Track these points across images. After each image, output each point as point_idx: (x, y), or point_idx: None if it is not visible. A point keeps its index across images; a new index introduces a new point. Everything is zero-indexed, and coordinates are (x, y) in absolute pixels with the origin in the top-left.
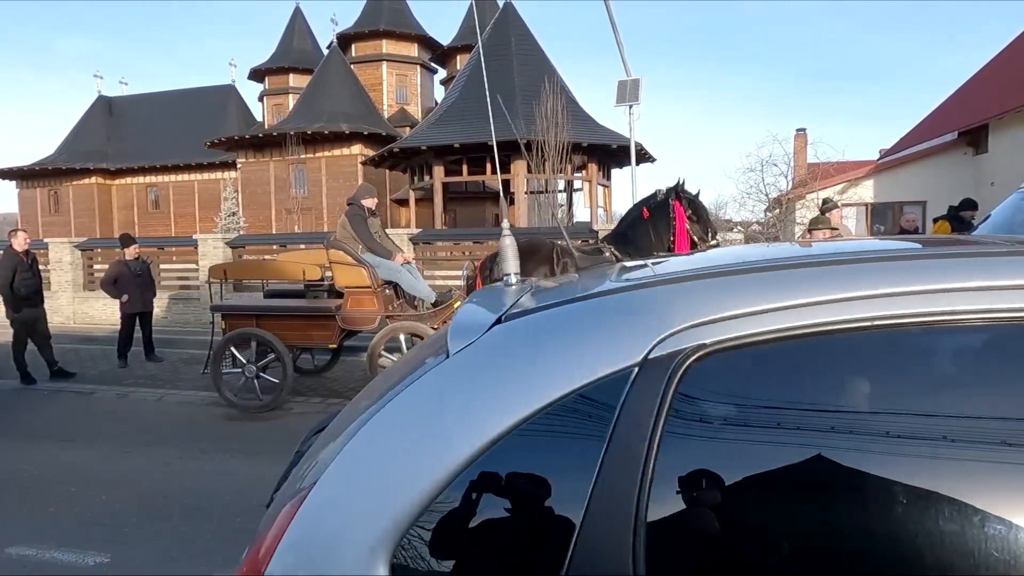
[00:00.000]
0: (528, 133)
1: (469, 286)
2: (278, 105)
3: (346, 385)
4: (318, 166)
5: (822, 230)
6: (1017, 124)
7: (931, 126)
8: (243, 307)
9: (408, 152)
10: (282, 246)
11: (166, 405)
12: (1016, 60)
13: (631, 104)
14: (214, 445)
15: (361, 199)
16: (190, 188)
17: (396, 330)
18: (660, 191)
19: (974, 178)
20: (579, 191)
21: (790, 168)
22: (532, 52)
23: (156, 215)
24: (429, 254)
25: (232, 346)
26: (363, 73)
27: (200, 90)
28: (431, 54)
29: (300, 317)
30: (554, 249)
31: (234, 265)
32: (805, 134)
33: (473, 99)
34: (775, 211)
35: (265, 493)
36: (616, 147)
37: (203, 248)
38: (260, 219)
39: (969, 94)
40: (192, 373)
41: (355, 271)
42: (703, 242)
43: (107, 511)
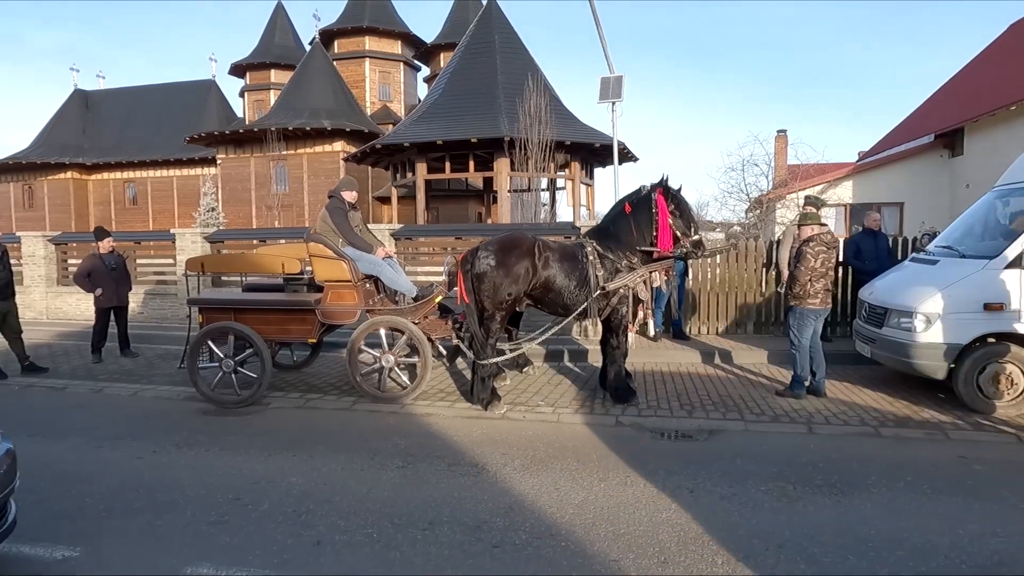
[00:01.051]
0: (511, 131)
1: (451, 281)
2: (259, 101)
3: (326, 380)
4: (299, 163)
5: (811, 225)
6: (991, 127)
7: (908, 129)
8: (221, 301)
9: (390, 149)
10: (262, 241)
11: (141, 400)
12: (990, 65)
13: (614, 101)
14: (189, 439)
15: (342, 192)
16: (169, 184)
17: (377, 324)
18: (644, 187)
19: (950, 180)
20: (562, 190)
21: (771, 168)
22: (515, 50)
23: (134, 211)
24: (411, 249)
25: (209, 340)
26: (346, 70)
27: (180, 85)
28: (414, 51)
29: (279, 311)
30: (536, 243)
31: (212, 258)
32: (786, 135)
33: (456, 96)
34: (756, 211)
35: (241, 488)
36: (599, 146)
37: (181, 243)
38: (240, 216)
39: (945, 98)
40: (168, 368)
41: (335, 265)
42: (685, 237)
43: (77, 505)
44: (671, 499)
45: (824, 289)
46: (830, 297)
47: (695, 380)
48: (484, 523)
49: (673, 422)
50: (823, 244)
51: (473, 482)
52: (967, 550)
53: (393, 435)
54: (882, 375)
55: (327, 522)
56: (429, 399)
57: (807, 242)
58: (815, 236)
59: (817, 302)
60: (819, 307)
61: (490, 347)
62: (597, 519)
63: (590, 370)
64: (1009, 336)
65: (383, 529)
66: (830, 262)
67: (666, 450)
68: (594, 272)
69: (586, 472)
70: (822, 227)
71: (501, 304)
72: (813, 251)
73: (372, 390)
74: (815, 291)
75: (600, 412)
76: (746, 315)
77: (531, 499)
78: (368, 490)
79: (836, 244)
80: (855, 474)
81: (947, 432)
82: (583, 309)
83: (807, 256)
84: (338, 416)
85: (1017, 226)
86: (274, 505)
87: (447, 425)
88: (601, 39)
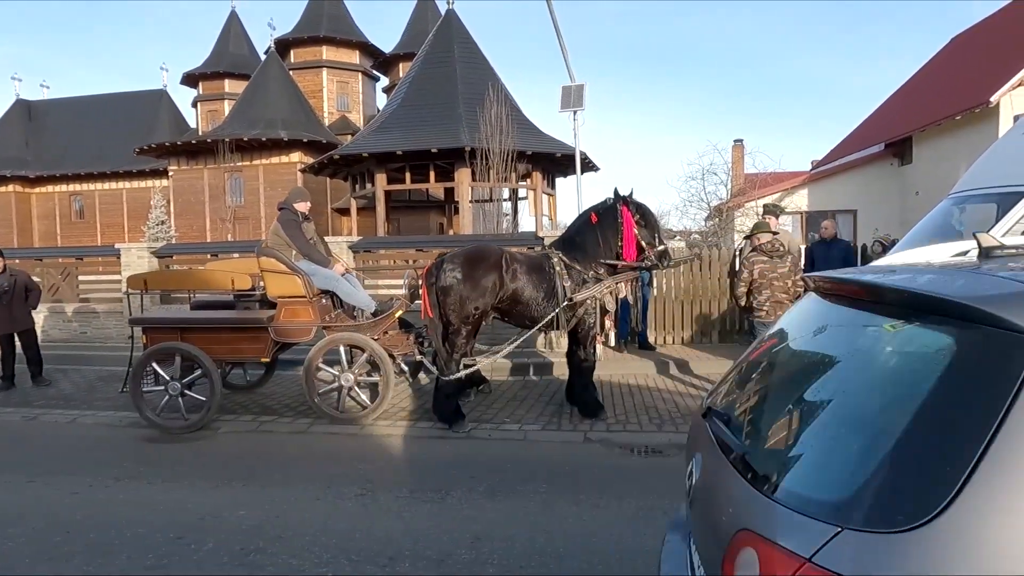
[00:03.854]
0: (472, 140)
1: (412, 294)
2: (213, 111)
3: (281, 401)
4: (255, 174)
5: (760, 235)
6: (938, 136)
7: (859, 138)
8: (165, 320)
9: (349, 160)
10: (214, 255)
11: (80, 428)
12: (936, 76)
13: (576, 109)
14: (131, 471)
15: (294, 203)
16: (118, 197)
17: (335, 341)
18: (610, 198)
19: (900, 188)
20: (524, 199)
21: (729, 177)
22: (475, 59)
23: (81, 225)
24: (372, 262)
25: (154, 362)
26: (302, 79)
27: (129, 95)
28: (373, 61)
29: (229, 329)
30: (503, 255)
31: (156, 275)
32: (743, 144)
33: (415, 106)
34: (715, 220)
35: (184, 525)
36: (560, 155)
37: (126, 258)
38: (194, 229)
39: (893, 108)
40: (111, 392)
41: (289, 280)
42: (651, 247)
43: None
44: (646, 523)
45: (772, 300)
46: (783, 309)
47: (662, 392)
48: (449, 556)
49: (643, 437)
50: (764, 254)
51: (437, 509)
52: None
53: (352, 459)
54: None
55: (278, 561)
56: (391, 419)
57: (750, 253)
58: (757, 246)
59: (763, 313)
60: (766, 319)
61: (455, 363)
62: (570, 548)
63: (556, 384)
64: None
65: (339, 567)
66: (774, 272)
67: (637, 467)
68: (561, 283)
69: (556, 495)
70: (774, 234)
71: (467, 318)
72: (748, 262)
73: (330, 410)
74: (759, 303)
75: (568, 428)
76: (710, 324)
77: (500, 527)
78: (324, 523)
79: (783, 253)
80: None
81: None
82: (550, 321)
83: (742, 267)
84: (293, 440)
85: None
86: (220, 544)
87: (410, 447)
88: (562, 47)
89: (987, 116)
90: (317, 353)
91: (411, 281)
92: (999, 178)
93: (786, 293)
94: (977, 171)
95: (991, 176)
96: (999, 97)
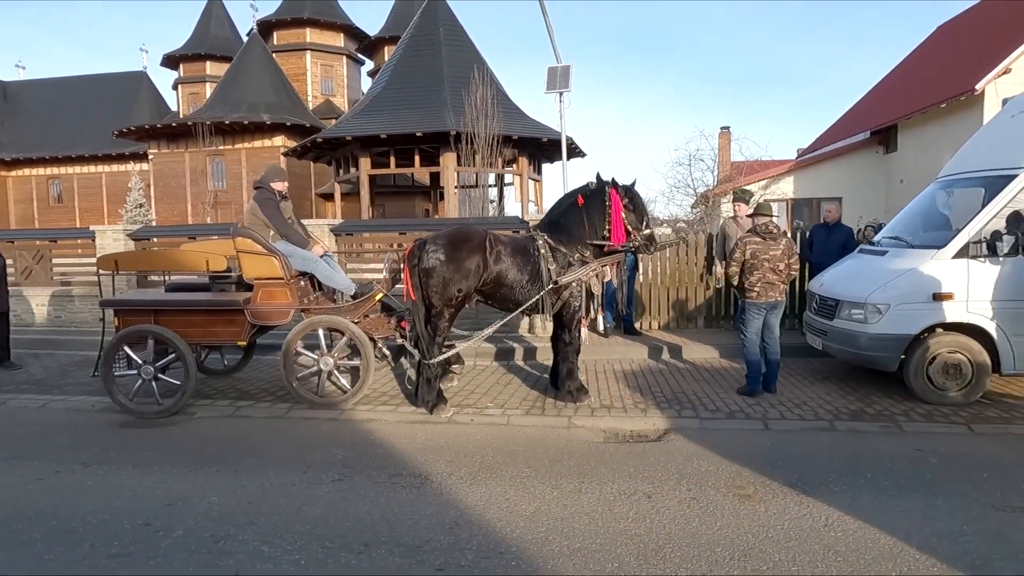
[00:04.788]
0: (458, 124)
1: (394, 277)
2: (194, 94)
3: (258, 386)
4: (237, 158)
5: (756, 216)
6: (923, 124)
7: (845, 126)
8: (138, 302)
9: (332, 143)
10: (191, 238)
11: (50, 413)
12: (921, 64)
13: (562, 91)
14: (99, 457)
15: (271, 181)
16: (97, 180)
17: (314, 324)
18: (592, 182)
19: (885, 175)
20: (510, 185)
21: (716, 164)
22: (460, 43)
23: (59, 209)
24: (354, 246)
25: (126, 346)
26: (286, 62)
27: (108, 76)
28: (357, 45)
29: (204, 312)
30: (487, 237)
31: (127, 255)
32: (729, 132)
33: (400, 89)
34: (702, 206)
35: (152, 511)
36: (547, 140)
37: (101, 241)
38: (175, 213)
39: (879, 96)
40: (84, 376)
41: (265, 261)
42: (637, 232)
43: None
44: (628, 506)
45: (763, 282)
46: (776, 291)
47: (647, 377)
48: (427, 542)
49: (627, 422)
50: (759, 235)
51: (416, 495)
52: (937, 550)
53: (330, 445)
54: (832, 367)
55: (248, 548)
56: (371, 403)
57: (744, 234)
58: (753, 227)
59: (755, 295)
60: (758, 300)
61: (437, 347)
62: (550, 532)
63: (540, 368)
64: (958, 326)
65: (312, 554)
66: (766, 253)
67: (621, 452)
68: (546, 266)
69: (538, 479)
70: (767, 218)
71: (450, 301)
72: (742, 243)
73: (309, 395)
74: (750, 283)
75: (552, 413)
76: (696, 310)
77: (479, 512)
78: (298, 509)
79: (778, 235)
80: (814, 472)
81: (900, 424)
82: (535, 304)
83: (735, 247)
84: (271, 425)
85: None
86: (189, 531)
87: (389, 432)
88: (548, 27)
89: (972, 104)
90: (296, 336)
91: (392, 264)
92: (986, 162)
93: (777, 275)
94: (965, 155)
95: (978, 160)
96: (984, 85)
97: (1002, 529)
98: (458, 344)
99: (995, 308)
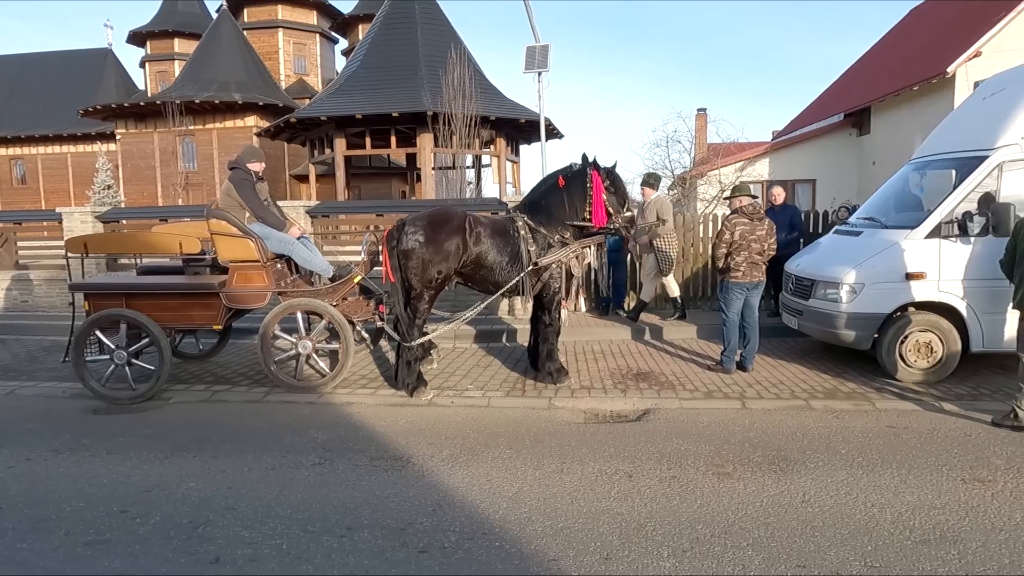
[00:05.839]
0: (434, 105)
1: (373, 259)
2: (162, 72)
3: (235, 370)
4: (208, 138)
5: (738, 198)
6: (896, 107)
7: (819, 108)
8: (109, 285)
9: (307, 124)
10: (163, 220)
11: (18, 399)
12: (894, 48)
13: (540, 71)
14: (72, 443)
15: (247, 162)
16: (62, 161)
17: (292, 307)
18: (576, 163)
19: (858, 157)
20: (487, 167)
21: (693, 146)
22: (436, 21)
23: (23, 191)
24: (331, 228)
25: (98, 330)
26: (257, 40)
27: (72, 53)
28: (331, 23)
29: (178, 295)
30: (467, 218)
31: (97, 237)
32: (706, 114)
33: (376, 68)
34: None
35: (129, 498)
36: (524, 121)
37: (69, 223)
38: (144, 195)
39: (852, 79)
40: (53, 362)
41: (241, 243)
42: (618, 214)
43: None
44: (610, 486)
45: (748, 262)
46: (759, 271)
47: (627, 358)
48: (410, 525)
49: (607, 402)
50: (745, 216)
51: (397, 478)
52: (909, 524)
53: (309, 428)
54: (807, 346)
55: (228, 534)
56: (350, 387)
57: (730, 215)
58: (738, 208)
59: (740, 275)
60: (742, 280)
61: (417, 329)
62: (533, 513)
63: (520, 350)
64: (929, 305)
65: (294, 539)
66: (753, 234)
67: (602, 432)
68: (526, 247)
69: (520, 461)
70: (753, 197)
71: (430, 283)
72: (730, 223)
73: (288, 379)
74: (736, 263)
75: (532, 395)
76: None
77: (461, 494)
78: (278, 493)
79: (762, 216)
80: (791, 450)
81: (874, 402)
82: (515, 286)
83: (723, 229)
84: (248, 409)
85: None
86: (167, 517)
87: (369, 415)
88: (526, 6)
89: (943, 87)
90: (273, 320)
91: (371, 246)
92: (958, 143)
93: (761, 255)
94: (937, 137)
95: (951, 141)
96: (955, 68)
97: (971, 501)
98: (438, 327)
99: (965, 287)
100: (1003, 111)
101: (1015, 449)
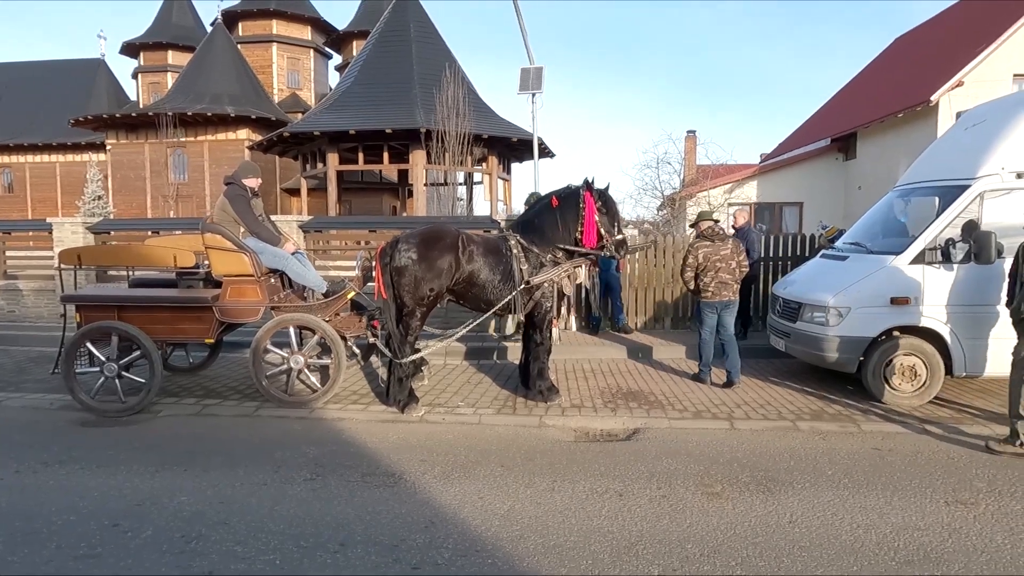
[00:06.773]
0: (428, 122)
1: (366, 276)
2: (155, 84)
3: (226, 384)
4: (200, 151)
5: (700, 223)
6: (881, 133)
7: (806, 133)
8: (101, 297)
9: (300, 138)
10: (155, 232)
11: (5, 411)
12: (879, 75)
13: (534, 92)
14: (61, 456)
15: (243, 178)
16: (51, 171)
17: (284, 322)
18: (572, 184)
19: (844, 181)
20: (479, 184)
21: (682, 167)
22: (431, 39)
23: (11, 200)
24: (322, 243)
25: (89, 342)
26: (251, 54)
27: (63, 63)
28: (326, 38)
29: (170, 308)
30: (459, 236)
31: (91, 249)
32: (695, 136)
33: (370, 85)
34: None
35: (120, 511)
36: (516, 140)
37: (59, 233)
38: (134, 206)
39: (839, 104)
40: (42, 373)
41: (235, 258)
42: (610, 236)
43: None
44: (601, 504)
45: (716, 281)
46: (730, 290)
47: (617, 377)
48: (402, 541)
49: (597, 421)
50: (707, 239)
51: (390, 494)
52: (893, 545)
53: (301, 443)
54: (794, 368)
55: (222, 549)
56: (341, 402)
57: (693, 240)
58: (700, 232)
59: (709, 295)
60: (712, 300)
61: (408, 346)
62: (525, 530)
63: (511, 367)
64: (913, 329)
65: (287, 554)
66: (716, 254)
67: (592, 451)
68: (519, 266)
69: (511, 478)
70: (710, 222)
71: (422, 300)
72: (694, 248)
73: (279, 394)
74: (704, 284)
75: (523, 412)
76: (663, 310)
77: (454, 511)
78: (271, 508)
79: (724, 236)
80: (779, 470)
81: (859, 424)
82: (507, 304)
83: (688, 253)
84: (239, 424)
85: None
86: (159, 531)
87: (361, 431)
88: (521, 28)
89: (927, 115)
90: (265, 334)
91: (365, 263)
92: (941, 172)
93: (730, 274)
94: (921, 165)
95: (934, 170)
96: (939, 96)
97: (954, 523)
98: (429, 343)
99: (948, 312)
100: (984, 142)
101: (996, 472)
